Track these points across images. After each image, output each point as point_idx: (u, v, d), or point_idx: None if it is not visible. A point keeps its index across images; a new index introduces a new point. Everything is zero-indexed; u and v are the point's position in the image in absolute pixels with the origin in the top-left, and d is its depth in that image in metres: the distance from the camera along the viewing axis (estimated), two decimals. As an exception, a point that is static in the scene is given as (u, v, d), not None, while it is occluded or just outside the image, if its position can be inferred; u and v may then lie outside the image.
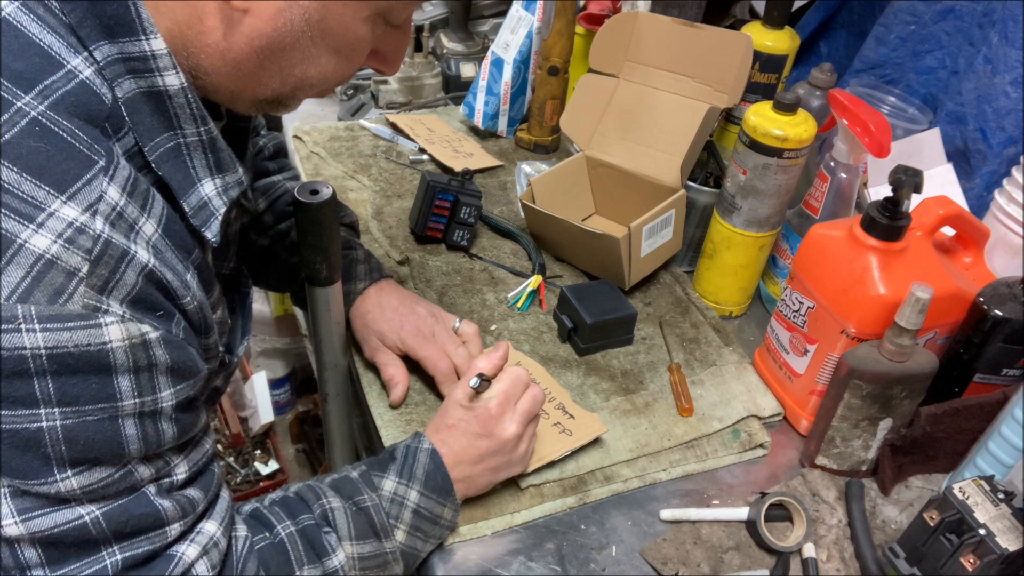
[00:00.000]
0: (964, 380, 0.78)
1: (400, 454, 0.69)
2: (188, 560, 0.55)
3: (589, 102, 1.06)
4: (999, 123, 0.95)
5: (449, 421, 0.71)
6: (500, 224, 1.08)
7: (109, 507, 0.51)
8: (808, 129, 0.84)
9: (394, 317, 0.84)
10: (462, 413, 0.71)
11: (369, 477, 0.67)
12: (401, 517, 0.66)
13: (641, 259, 0.95)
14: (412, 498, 0.67)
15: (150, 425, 0.51)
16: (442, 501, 0.68)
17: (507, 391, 0.71)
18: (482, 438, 0.70)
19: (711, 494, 0.78)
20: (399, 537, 0.66)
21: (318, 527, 0.64)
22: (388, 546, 0.66)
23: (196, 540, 0.56)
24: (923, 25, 1.06)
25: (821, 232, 0.80)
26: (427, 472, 0.68)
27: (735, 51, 0.95)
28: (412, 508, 0.67)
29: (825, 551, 0.73)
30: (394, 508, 0.66)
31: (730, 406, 0.85)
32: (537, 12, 1.19)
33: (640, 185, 1.02)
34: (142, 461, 0.52)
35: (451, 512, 0.69)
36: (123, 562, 0.52)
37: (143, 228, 0.51)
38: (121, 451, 0.50)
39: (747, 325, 1.00)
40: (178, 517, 0.54)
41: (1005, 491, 0.64)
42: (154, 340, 0.50)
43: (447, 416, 0.71)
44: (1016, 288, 0.75)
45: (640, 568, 0.70)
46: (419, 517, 0.67)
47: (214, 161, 0.57)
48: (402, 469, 0.68)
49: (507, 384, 0.72)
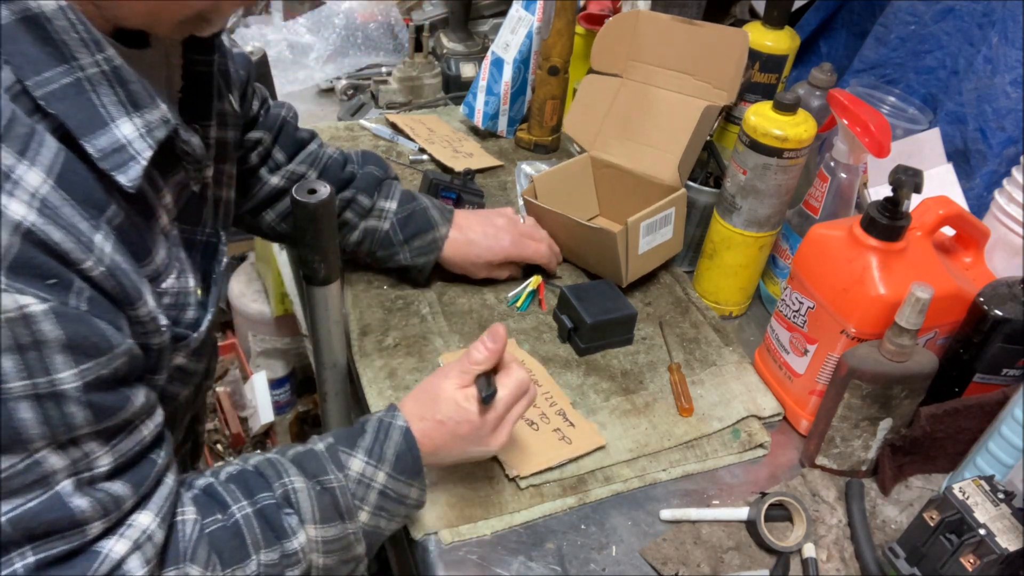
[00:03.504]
0: (964, 380, 0.78)
1: (371, 429, 0.65)
2: (116, 557, 0.50)
3: (592, 102, 1.06)
4: (999, 123, 0.95)
5: (439, 416, 0.67)
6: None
7: (18, 510, 0.46)
8: (808, 129, 0.84)
9: (485, 241, 0.93)
10: (454, 412, 0.67)
11: (336, 453, 0.63)
12: (367, 499, 0.63)
13: (639, 256, 0.95)
14: (380, 479, 0.64)
15: (52, 408, 0.46)
16: (410, 482, 0.65)
17: (509, 403, 0.68)
18: (468, 442, 0.68)
19: (711, 494, 0.78)
20: (363, 518, 0.63)
21: (278, 508, 0.60)
22: (351, 527, 0.63)
23: (126, 535, 0.51)
24: (923, 25, 1.06)
25: (821, 232, 0.80)
26: (398, 453, 0.64)
27: (732, 47, 0.95)
28: (379, 489, 0.64)
29: (825, 551, 0.73)
30: (360, 489, 0.63)
31: (730, 406, 0.85)
32: (537, 12, 1.19)
33: (641, 184, 1.02)
34: (52, 450, 0.47)
35: (418, 492, 0.66)
36: (37, 562, 0.48)
37: (23, 178, 0.44)
38: (18, 437, 0.45)
39: (747, 325, 1.00)
40: (98, 516, 0.49)
41: (1005, 491, 0.64)
42: (39, 314, 0.44)
43: (437, 409, 0.67)
44: (1016, 288, 0.75)
45: (640, 568, 0.70)
46: (385, 498, 0.64)
47: (126, 96, 0.50)
48: (372, 447, 0.64)
49: (510, 394, 0.68)
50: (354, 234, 0.93)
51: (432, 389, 0.68)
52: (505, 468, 0.76)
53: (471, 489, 0.74)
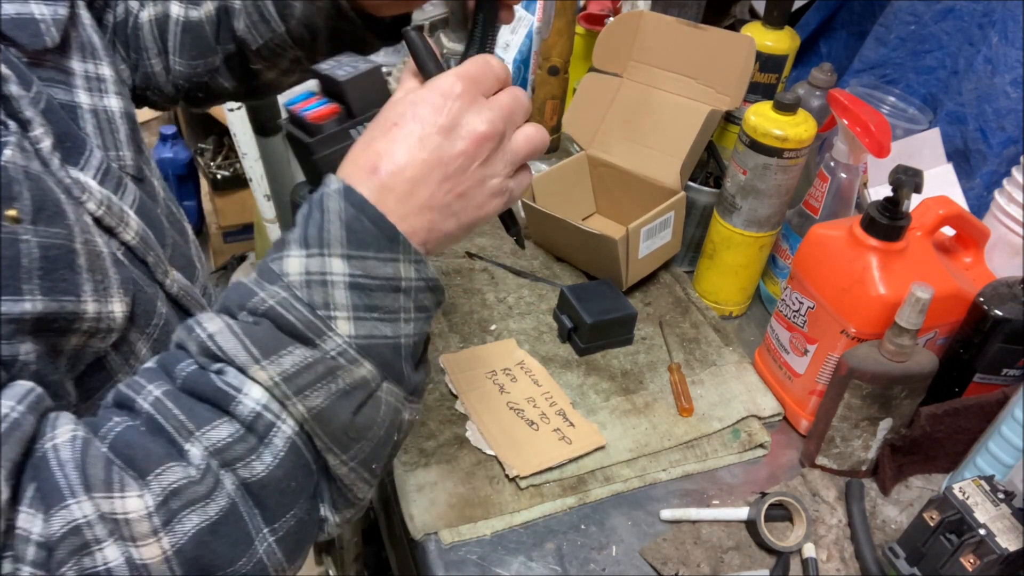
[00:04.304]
0: (964, 380, 0.78)
1: (302, 215, 0.47)
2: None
3: (592, 101, 1.06)
4: (999, 123, 0.95)
5: (387, 122, 0.49)
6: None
7: None
8: (808, 129, 0.84)
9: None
10: (404, 105, 0.49)
11: (267, 267, 0.46)
12: (331, 301, 0.45)
13: (639, 260, 0.95)
14: (336, 269, 0.45)
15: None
16: (389, 255, 0.46)
17: (473, 74, 0.50)
18: (431, 135, 0.48)
19: (711, 494, 0.78)
20: (343, 329, 0.45)
21: (203, 370, 0.44)
22: (329, 346, 0.44)
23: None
24: (923, 25, 1.06)
25: (821, 232, 0.80)
26: (347, 223, 0.45)
27: (738, 53, 0.95)
28: (344, 282, 0.45)
29: (825, 551, 0.73)
30: (316, 293, 0.45)
31: (730, 406, 0.85)
32: (537, 12, 1.19)
33: (641, 186, 1.02)
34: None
35: (412, 267, 0.47)
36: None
37: None
38: None
39: (747, 325, 1.00)
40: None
41: (1005, 491, 0.64)
42: None
43: (384, 118, 0.50)
44: (1016, 288, 0.75)
45: (640, 568, 0.70)
46: (360, 291, 0.45)
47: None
48: (306, 235, 0.46)
49: (474, 67, 0.51)
50: (239, 22, 0.72)
51: (376, 122, 0.50)
52: (505, 468, 0.76)
53: (471, 489, 0.74)
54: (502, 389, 0.84)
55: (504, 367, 0.87)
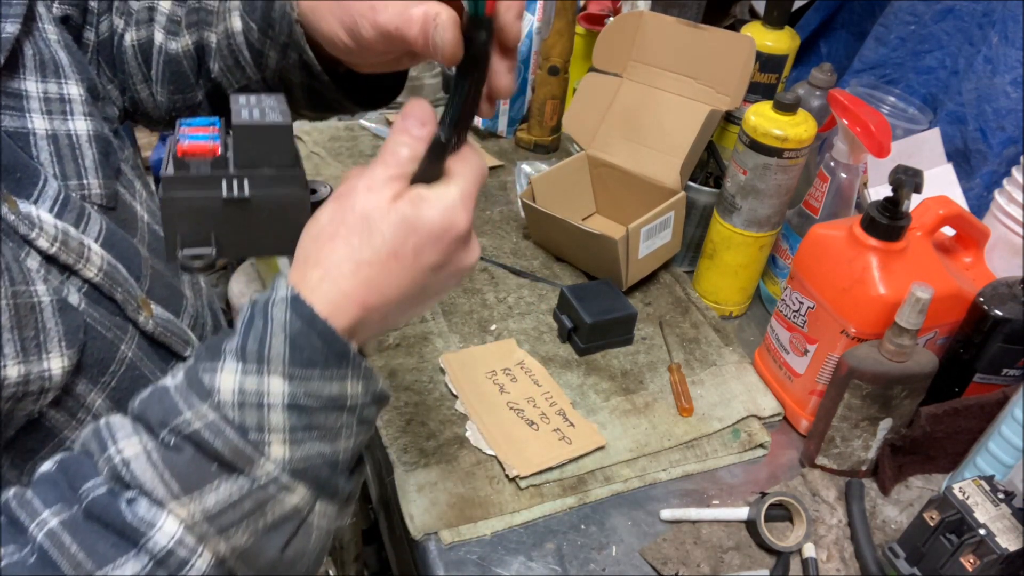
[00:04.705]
0: (964, 380, 0.78)
1: (242, 321, 0.42)
2: None
3: (592, 101, 1.06)
4: (999, 123, 0.95)
5: (380, 249, 0.43)
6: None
7: None
8: (808, 129, 0.84)
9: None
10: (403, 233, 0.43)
11: (196, 377, 0.41)
12: (266, 424, 0.40)
13: (639, 260, 0.95)
14: (275, 388, 0.40)
15: None
16: (336, 373, 0.42)
17: (473, 193, 0.46)
18: (424, 272, 0.44)
19: (711, 494, 0.78)
20: (276, 453, 0.40)
21: (113, 496, 0.39)
22: (260, 475, 0.40)
23: None
24: (923, 25, 1.06)
25: (821, 232, 0.80)
26: (292, 337, 0.40)
27: (738, 54, 0.95)
28: (282, 404, 0.40)
29: (825, 551, 0.73)
30: (247, 416, 0.40)
31: (730, 406, 0.85)
32: (537, 12, 1.19)
33: (641, 186, 1.02)
34: None
35: (360, 383, 0.43)
36: None
37: None
38: None
39: (747, 325, 1.00)
40: None
41: (1005, 491, 0.64)
42: None
43: (370, 241, 0.43)
44: (1016, 288, 0.75)
45: (640, 568, 0.70)
46: (301, 412, 0.41)
47: None
48: (244, 346, 0.41)
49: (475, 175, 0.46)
50: (215, 64, 0.65)
51: (345, 218, 0.44)
52: (505, 468, 0.76)
53: (471, 489, 0.74)
54: (502, 389, 0.84)
55: (504, 367, 0.87)
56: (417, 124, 0.45)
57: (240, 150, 0.47)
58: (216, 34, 0.64)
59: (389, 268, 0.43)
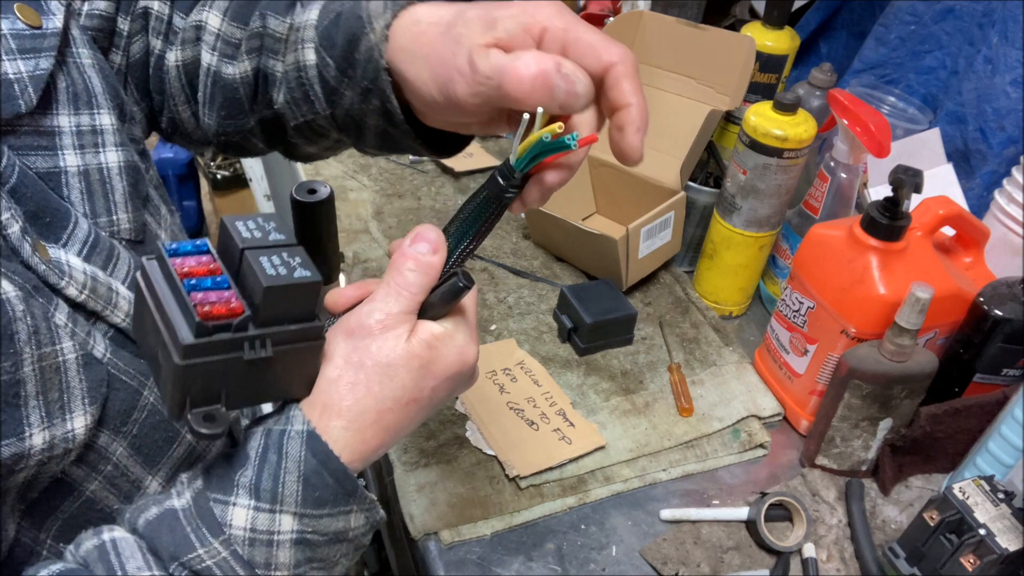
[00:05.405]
0: (964, 380, 0.78)
1: (256, 452, 0.43)
2: None
3: (589, 102, 1.06)
4: (999, 123, 0.95)
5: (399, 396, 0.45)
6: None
7: None
8: (808, 129, 0.84)
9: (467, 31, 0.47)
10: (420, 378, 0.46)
11: (207, 507, 0.42)
12: (274, 561, 0.42)
13: (639, 260, 0.95)
14: (285, 527, 0.42)
15: None
16: (343, 510, 0.44)
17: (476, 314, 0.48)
18: (442, 399, 0.47)
19: (711, 494, 0.78)
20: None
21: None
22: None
23: None
24: (923, 25, 1.06)
25: (821, 232, 0.80)
26: (306, 476, 0.42)
27: (738, 53, 0.95)
28: (290, 540, 0.43)
29: (825, 551, 0.73)
30: (257, 554, 0.42)
31: (730, 406, 0.85)
32: (537, 12, 1.19)
33: (641, 186, 1.02)
34: None
35: (363, 515, 0.46)
36: None
37: None
38: None
39: (747, 325, 1.00)
40: None
41: (1005, 491, 0.64)
42: None
43: (390, 386, 0.45)
44: (1016, 288, 0.75)
45: (640, 568, 0.70)
46: (307, 546, 0.43)
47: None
48: (259, 484, 0.42)
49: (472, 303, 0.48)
50: (279, 94, 0.60)
51: (364, 363, 0.45)
52: (505, 468, 0.76)
53: (471, 489, 0.74)
54: (502, 389, 0.84)
55: (504, 367, 0.87)
56: (429, 251, 0.47)
57: (267, 309, 0.42)
58: (283, 64, 0.59)
59: (408, 411, 0.46)
